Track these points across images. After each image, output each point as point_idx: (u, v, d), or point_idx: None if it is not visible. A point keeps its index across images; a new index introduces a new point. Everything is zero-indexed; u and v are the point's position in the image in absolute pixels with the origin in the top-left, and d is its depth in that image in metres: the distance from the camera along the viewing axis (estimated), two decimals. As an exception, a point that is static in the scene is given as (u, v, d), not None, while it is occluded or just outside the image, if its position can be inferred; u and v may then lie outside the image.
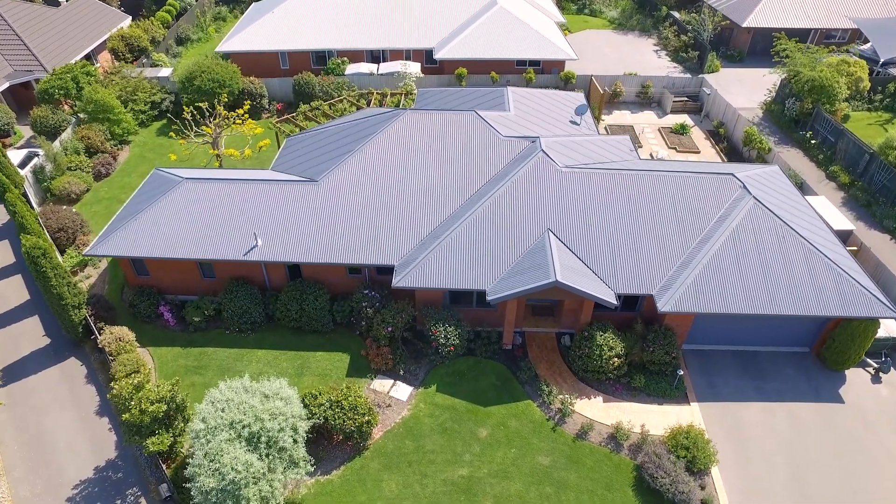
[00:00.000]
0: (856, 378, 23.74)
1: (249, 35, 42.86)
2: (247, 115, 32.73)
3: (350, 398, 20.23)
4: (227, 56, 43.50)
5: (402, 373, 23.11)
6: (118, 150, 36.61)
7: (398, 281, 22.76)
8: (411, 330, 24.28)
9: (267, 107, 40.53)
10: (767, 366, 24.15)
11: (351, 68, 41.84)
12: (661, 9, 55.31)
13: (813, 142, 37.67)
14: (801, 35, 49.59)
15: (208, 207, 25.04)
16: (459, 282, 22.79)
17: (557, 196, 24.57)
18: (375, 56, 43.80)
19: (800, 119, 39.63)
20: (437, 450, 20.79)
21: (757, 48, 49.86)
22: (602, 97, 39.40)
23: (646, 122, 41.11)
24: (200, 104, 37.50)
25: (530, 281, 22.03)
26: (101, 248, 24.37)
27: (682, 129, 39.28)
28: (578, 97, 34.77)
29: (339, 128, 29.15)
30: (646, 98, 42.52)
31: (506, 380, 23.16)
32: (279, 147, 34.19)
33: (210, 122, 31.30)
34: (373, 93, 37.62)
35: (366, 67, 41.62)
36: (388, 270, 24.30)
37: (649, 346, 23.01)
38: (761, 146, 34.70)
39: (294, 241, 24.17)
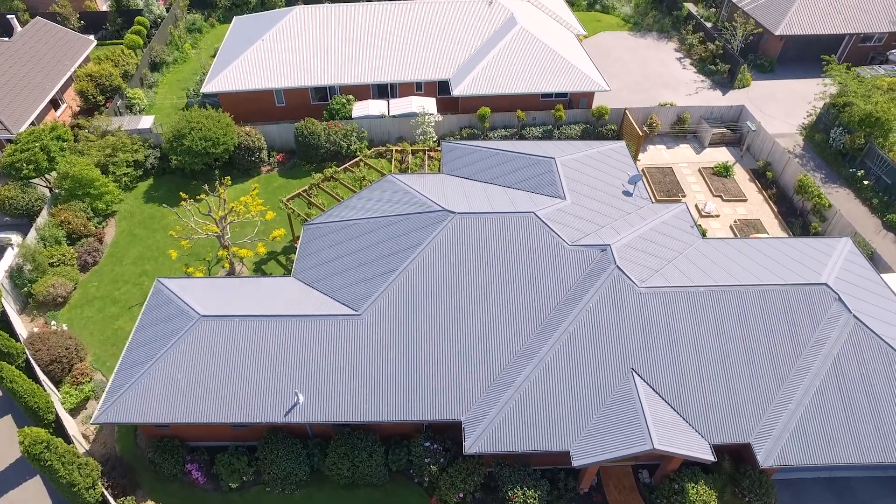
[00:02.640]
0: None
1: (239, 72, 37.62)
2: (257, 201, 28.42)
3: None
4: (214, 96, 38.34)
5: (475, 540, 20.57)
6: (103, 228, 32.05)
7: (471, 447, 19.86)
8: (482, 487, 21.55)
9: (266, 159, 35.99)
10: (864, 497, 22.22)
11: (358, 109, 37.21)
12: (683, 7, 50.82)
13: (865, 182, 35.01)
14: (835, 41, 46.19)
15: (233, 352, 21.44)
16: (540, 442, 20.02)
17: (638, 325, 21.61)
18: (382, 89, 39.10)
19: (848, 153, 36.78)
20: None
21: (788, 55, 46.25)
22: (640, 139, 35.82)
23: (683, 159, 37.79)
24: (193, 166, 33.07)
25: (623, 445, 19.39)
26: (111, 412, 20.75)
27: (725, 171, 36.14)
28: (622, 151, 31.28)
29: (370, 225, 25.32)
30: (682, 130, 39.03)
31: (591, 542, 20.82)
32: (293, 232, 30.25)
33: (213, 213, 27.03)
34: (391, 150, 33.35)
35: (375, 108, 37.04)
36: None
37: (744, 494, 20.84)
38: (820, 201, 31.87)
39: (339, 393, 20.90)
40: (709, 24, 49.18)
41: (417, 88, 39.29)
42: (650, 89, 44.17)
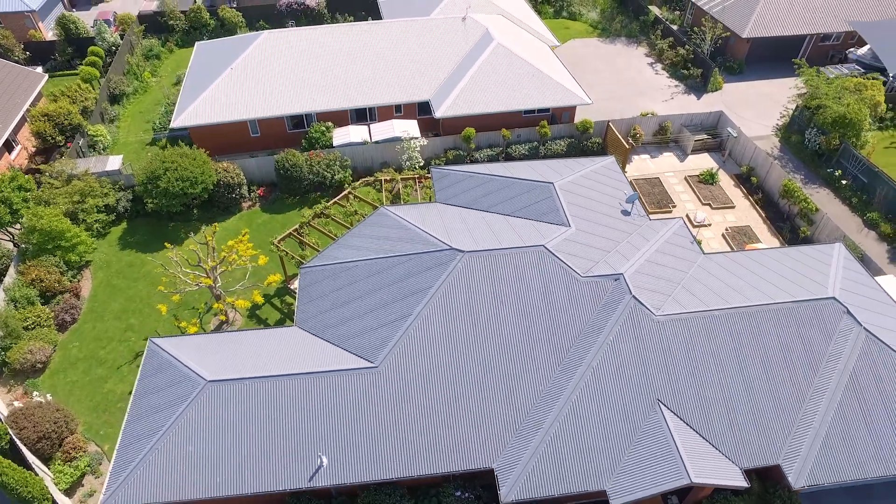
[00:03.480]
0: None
1: (209, 103, 35.92)
2: (247, 245, 27.07)
3: None
4: (184, 130, 36.56)
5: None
6: (78, 282, 30.07)
7: (507, 495, 19.24)
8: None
9: (247, 195, 34.49)
10: (885, 499, 22.64)
11: (339, 136, 36.06)
12: (650, 12, 51.29)
13: (843, 182, 35.93)
14: (798, 41, 47.43)
15: (247, 418, 20.22)
16: (577, 484, 19.56)
17: (659, 354, 21.39)
18: (361, 113, 38.02)
19: (824, 153, 37.70)
20: None
21: (754, 56, 47.22)
22: (627, 152, 35.85)
23: (669, 168, 38.06)
24: (171, 209, 31.44)
25: (659, 480, 19.14)
26: (119, 496, 19.25)
27: (710, 179, 36.53)
28: (613, 167, 31.14)
29: (374, 267, 24.36)
30: (664, 139, 39.30)
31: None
32: (285, 273, 29.01)
33: (203, 263, 25.59)
34: (380, 179, 32.34)
35: (357, 134, 35.97)
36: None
37: (777, 515, 20.92)
38: (807, 205, 32.49)
39: (363, 450, 19.96)
40: (674, 27, 49.76)
41: (397, 111, 38.38)
42: (625, 97, 44.40)
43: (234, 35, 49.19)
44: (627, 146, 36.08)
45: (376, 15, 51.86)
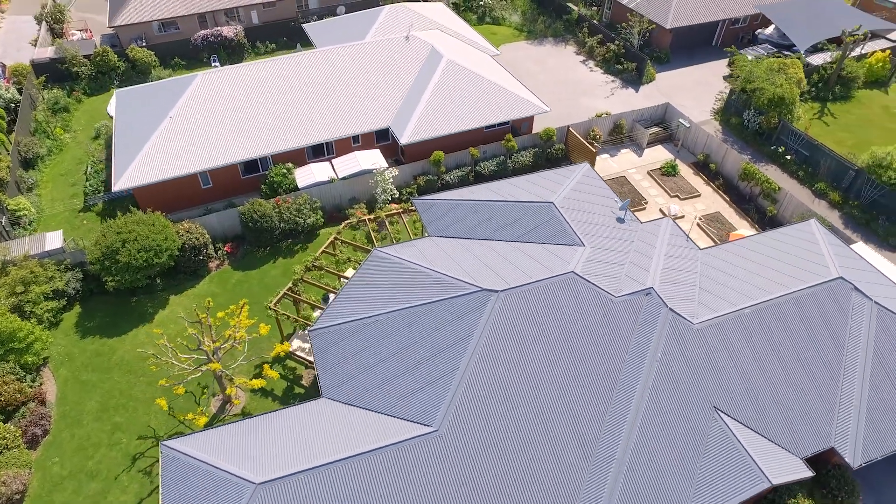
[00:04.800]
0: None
1: (153, 159, 32.38)
2: (243, 314, 24.56)
3: None
4: (128, 193, 32.85)
5: None
6: (40, 385, 26.10)
7: (598, 541, 18.63)
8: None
9: (214, 254, 31.52)
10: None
11: (302, 177, 33.76)
12: (573, 11, 52.33)
13: (788, 157, 38.37)
14: (713, 26, 50.21)
15: (308, 514, 18.23)
16: (660, 512, 19.31)
17: (705, 361, 21.63)
18: (318, 149, 35.86)
19: (764, 132, 40.09)
20: None
21: (677, 44, 49.49)
22: (593, 155, 36.25)
23: (630, 165, 38.96)
24: (136, 283, 28.12)
25: (740, 488, 19.44)
26: None
27: (672, 170, 37.79)
28: (591, 174, 31.08)
29: (398, 319, 22.78)
30: (620, 137, 40.18)
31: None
32: (282, 334, 26.71)
33: (204, 346, 22.93)
34: (365, 219, 30.49)
35: (321, 173, 33.85)
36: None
37: (835, 494, 21.95)
38: (769, 185, 34.35)
39: (441, 523, 18.62)
40: (597, 24, 51.10)
41: (354, 141, 36.57)
42: (569, 98, 45.02)
43: (149, 76, 45.22)
44: (593, 149, 36.52)
45: (298, 40, 49.42)
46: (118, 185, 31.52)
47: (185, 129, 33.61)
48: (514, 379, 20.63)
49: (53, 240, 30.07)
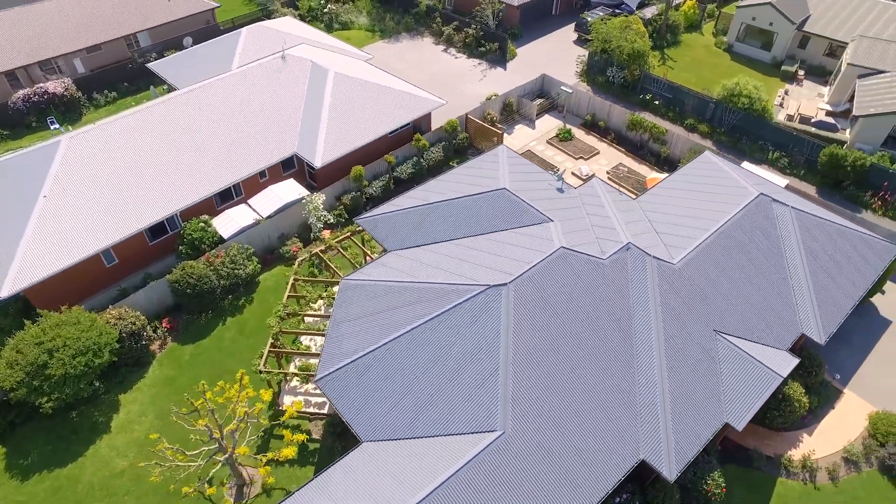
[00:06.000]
0: None
1: (40, 249, 27.39)
2: (244, 382, 22.05)
3: None
4: (18, 297, 27.55)
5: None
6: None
7: (672, 474, 19.83)
8: None
9: (154, 334, 27.79)
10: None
11: (223, 226, 30.79)
12: (420, 3, 52.96)
13: (656, 102, 42.91)
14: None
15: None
16: (706, 430, 21.04)
17: (694, 294, 23.99)
18: (225, 194, 32.87)
19: (629, 84, 44.33)
20: None
21: (523, 21, 52.47)
22: (500, 136, 37.54)
23: (529, 138, 40.93)
24: (80, 394, 24.03)
25: (760, 389, 22.15)
26: None
27: (567, 135, 40.41)
28: (512, 154, 32.30)
29: (412, 341, 21.99)
30: (510, 115, 41.92)
31: None
32: (276, 399, 24.52)
33: (216, 434, 20.32)
34: (322, 257, 28.51)
35: (243, 217, 31.13)
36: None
37: (808, 371, 25.52)
38: (657, 130, 38.25)
39: (536, 521, 18.69)
40: (445, 11, 52.35)
41: (262, 176, 34.11)
42: (444, 88, 45.64)
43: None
44: (497, 130, 37.80)
45: (147, 83, 44.52)
46: (6, 291, 26.31)
47: (66, 206, 28.89)
48: (553, 361, 21.14)
49: (-55, 376, 24.35)
